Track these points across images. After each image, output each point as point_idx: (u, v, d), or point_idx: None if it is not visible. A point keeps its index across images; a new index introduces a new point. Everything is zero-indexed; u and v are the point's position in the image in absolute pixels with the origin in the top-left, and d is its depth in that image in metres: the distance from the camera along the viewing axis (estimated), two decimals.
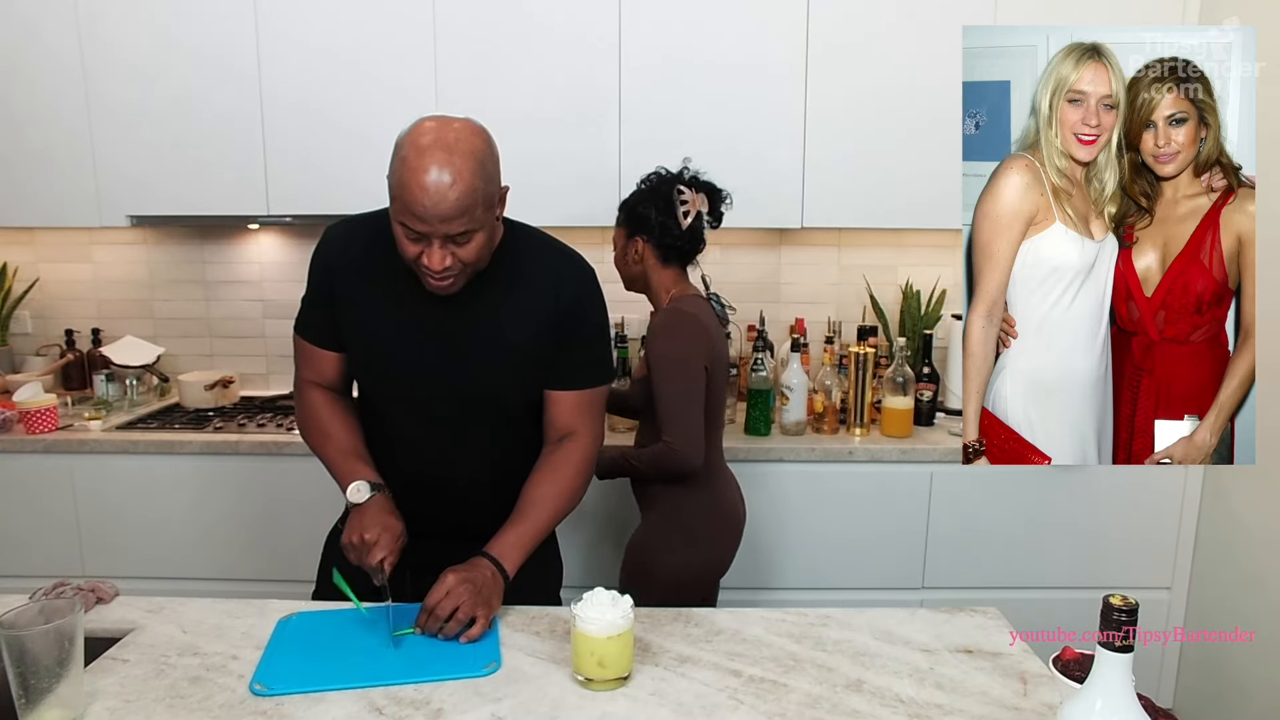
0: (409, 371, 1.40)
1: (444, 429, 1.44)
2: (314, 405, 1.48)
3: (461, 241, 1.27)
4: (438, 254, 1.26)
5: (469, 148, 1.24)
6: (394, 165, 1.25)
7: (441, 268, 1.27)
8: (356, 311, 1.41)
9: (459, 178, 1.22)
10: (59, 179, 2.50)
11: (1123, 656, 0.83)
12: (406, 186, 1.22)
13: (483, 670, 1.19)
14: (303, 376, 1.50)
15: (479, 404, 1.43)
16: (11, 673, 1.03)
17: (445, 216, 1.23)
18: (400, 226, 1.26)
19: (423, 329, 1.39)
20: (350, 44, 2.41)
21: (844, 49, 2.40)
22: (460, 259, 1.28)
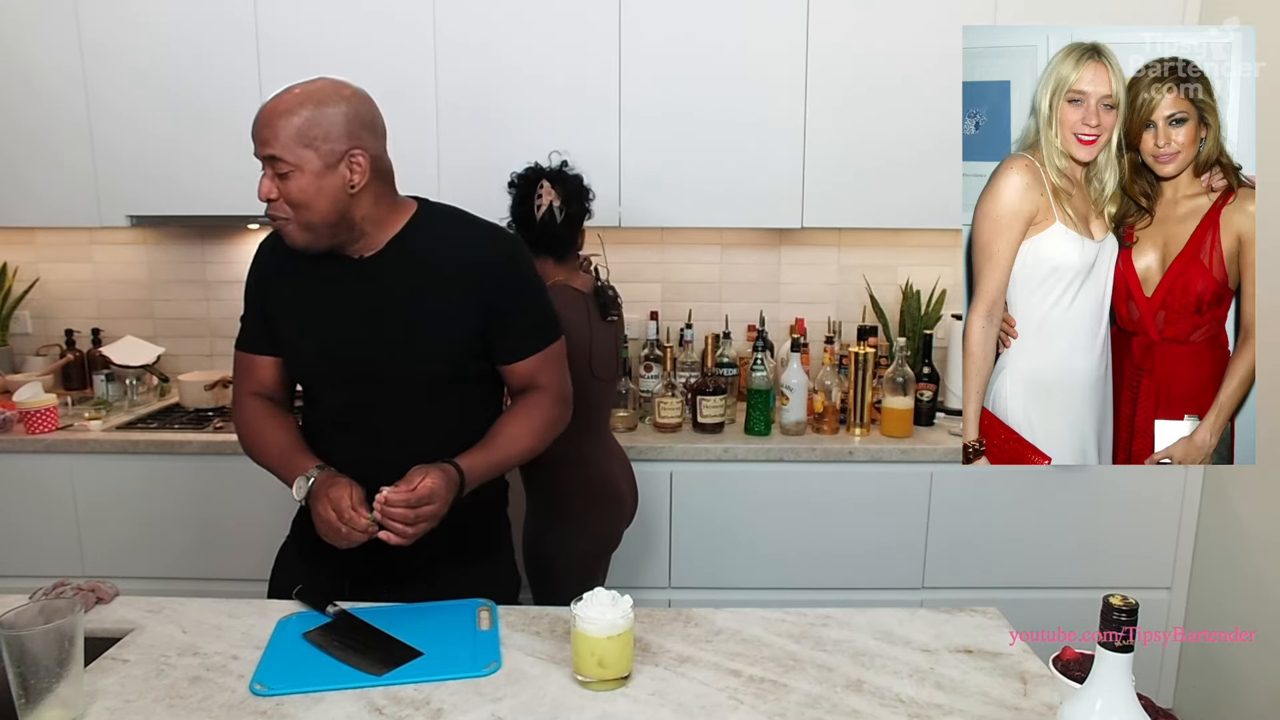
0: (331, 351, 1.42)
1: (378, 409, 1.43)
2: (249, 414, 1.49)
3: (283, 174, 1.33)
4: (266, 182, 1.34)
5: (319, 95, 1.34)
6: None
7: (265, 196, 1.34)
8: (288, 305, 1.45)
9: (292, 103, 1.33)
10: (59, 179, 2.50)
11: (1123, 656, 0.83)
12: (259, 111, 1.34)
13: (483, 670, 1.19)
14: (241, 390, 1.51)
15: (408, 378, 1.42)
16: (11, 673, 1.03)
17: (264, 138, 1.33)
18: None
19: (346, 309, 1.41)
20: (349, 43, 2.41)
21: (844, 49, 2.40)
22: (284, 196, 1.34)
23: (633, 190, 2.47)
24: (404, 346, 1.41)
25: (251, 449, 1.49)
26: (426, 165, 2.45)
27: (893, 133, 2.43)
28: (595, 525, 1.96)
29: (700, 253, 2.84)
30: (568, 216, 1.92)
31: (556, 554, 1.92)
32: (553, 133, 2.42)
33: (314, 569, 1.47)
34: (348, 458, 1.41)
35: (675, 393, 2.43)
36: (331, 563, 1.42)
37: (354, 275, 1.41)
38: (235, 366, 1.52)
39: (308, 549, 1.48)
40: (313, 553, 1.45)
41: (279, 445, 1.45)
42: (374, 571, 1.44)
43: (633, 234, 2.77)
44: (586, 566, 1.96)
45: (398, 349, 1.40)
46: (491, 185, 2.52)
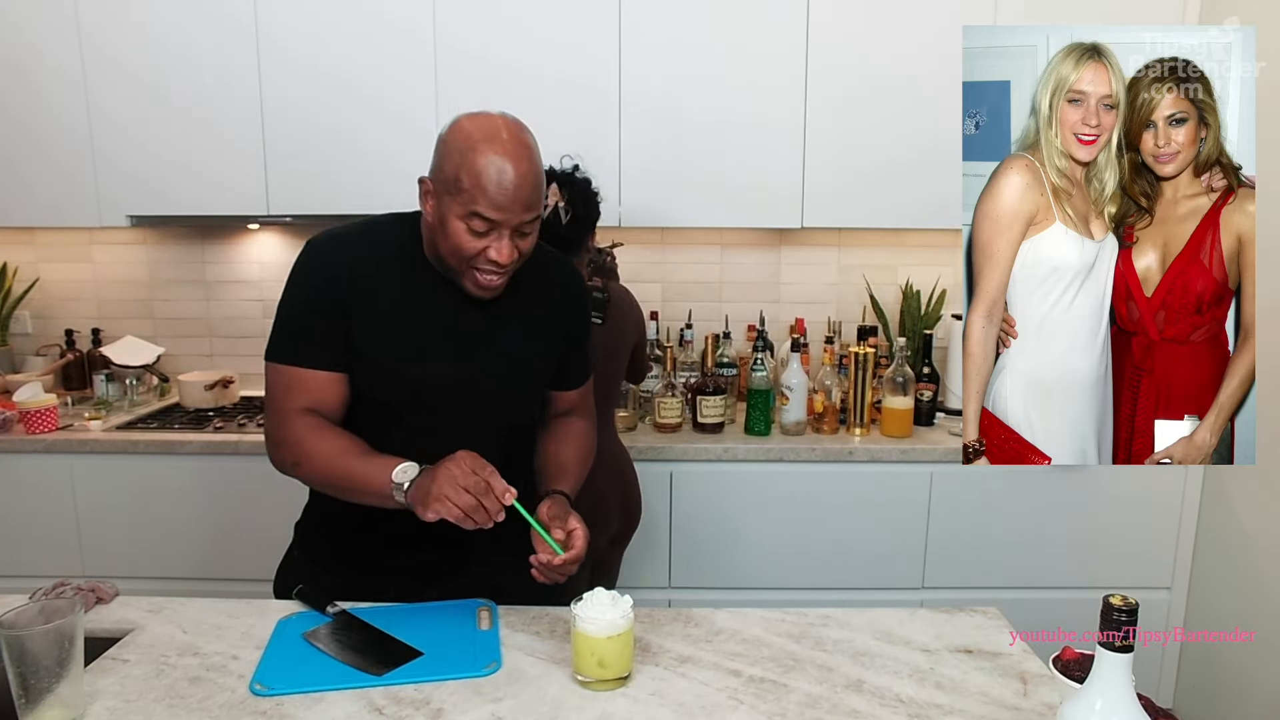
0: (431, 377, 1.37)
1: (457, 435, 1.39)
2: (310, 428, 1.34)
3: (526, 232, 1.29)
4: (507, 245, 1.27)
5: (529, 138, 1.29)
6: (457, 160, 1.24)
7: (510, 259, 1.27)
8: (378, 322, 1.34)
9: (532, 165, 1.26)
10: (59, 179, 2.50)
11: (1123, 656, 0.83)
12: (485, 176, 1.22)
13: (483, 670, 1.19)
14: (289, 406, 1.34)
15: (497, 407, 1.43)
16: (11, 673, 1.03)
17: (526, 204, 1.26)
18: (464, 221, 1.25)
19: (448, 333, 1.37)
20: (350, 44, 2.41)
21: (844, 49, 2.40)
22: (521, 251, 1.30)
23: (633, 190, 2.47)
24: (508, 373, 1.41)
25: (318, 460, 1.32)
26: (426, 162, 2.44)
27: (893, 133, 2.43)
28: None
29: (700, 253, 2.84)
30: (573, 218, 1.93)
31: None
32: (553, 133, 2.41)
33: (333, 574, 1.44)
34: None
35: (675, 393, 2.44)
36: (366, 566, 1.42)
37: (459, 303, 1.36)
38: (280, 381, 1.35)
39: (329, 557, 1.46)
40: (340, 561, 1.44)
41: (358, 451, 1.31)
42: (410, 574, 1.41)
43: (633, 234, 2.77)
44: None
45: (503, 375, 1.41)
46: None
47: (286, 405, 1.35)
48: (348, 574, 1.44)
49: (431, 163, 1.32)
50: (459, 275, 1.31)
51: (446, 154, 1.27)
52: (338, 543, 1.47)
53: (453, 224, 1.26)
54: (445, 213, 1.27)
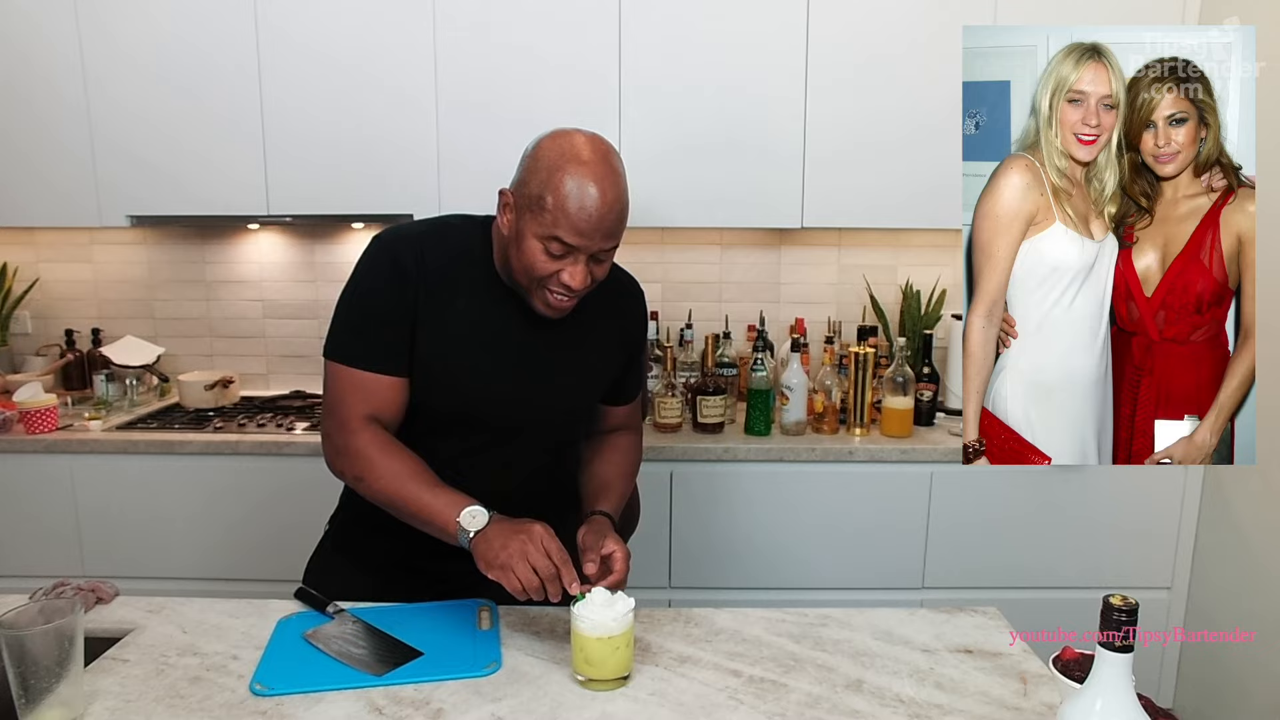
0: (491, 390, 1.34)
1: (511, 447, 1.39)
2: (379, 443, 1.30)
3: (603, 259, 1.27)
4: (582, 271, 1.24)
5: (618, 163, 1.26)
6: (543, 178, 1.21)
7: (583, 285, 1.25)
8: (444, 328, 1.31)
9: (618, 193, 1.24)
10: (59, 179, 2.50)
11: (1123, 656, 0.83)
12: (570, 199, 1.19)
13: (483, 670, 1.19)
14: (353, 411, 1.29)
15: (552, 422, 1.42)
16: (11, 673, 1.03)
17: (609, 232, 1.23)
18: (542, 242, 1.22)
19: (512, 347, 1.35)
20: (350, 44, 2.41)
21: (844, 49, 2.40)
22: (595, 278, 1.27)
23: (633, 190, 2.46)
24: (571, 389, 1.41)
25: (384, 476, 1.28)
26: (426, 161, 2.45)
27: (893, 132, 2.43)
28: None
29: (700, 253, 2.84)
30: None
31: None
32: None
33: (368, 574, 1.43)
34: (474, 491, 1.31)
35: (675, 393, 2.43)
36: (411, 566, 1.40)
37: (524, 317, 1.34)
38: (341, 381, 1.30)
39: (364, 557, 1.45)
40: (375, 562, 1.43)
41: (426, 478, 1.28)
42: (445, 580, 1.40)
43: (633, 234, 2.75)
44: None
45: (562, 394, 1.40)
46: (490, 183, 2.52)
47: (350, 411, 1.30)
48: (382, 575, 1.43)
49: (515, 175, 1.28)
50: (527, 293, 1.29)
51: (533, 170, 1.23)
52: (374, 543, 1.45)
53: (529, 242, 1.23)
54: (523, 230, 1.24)
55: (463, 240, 1.35)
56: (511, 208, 1.27)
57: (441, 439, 1.36)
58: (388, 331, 1.29)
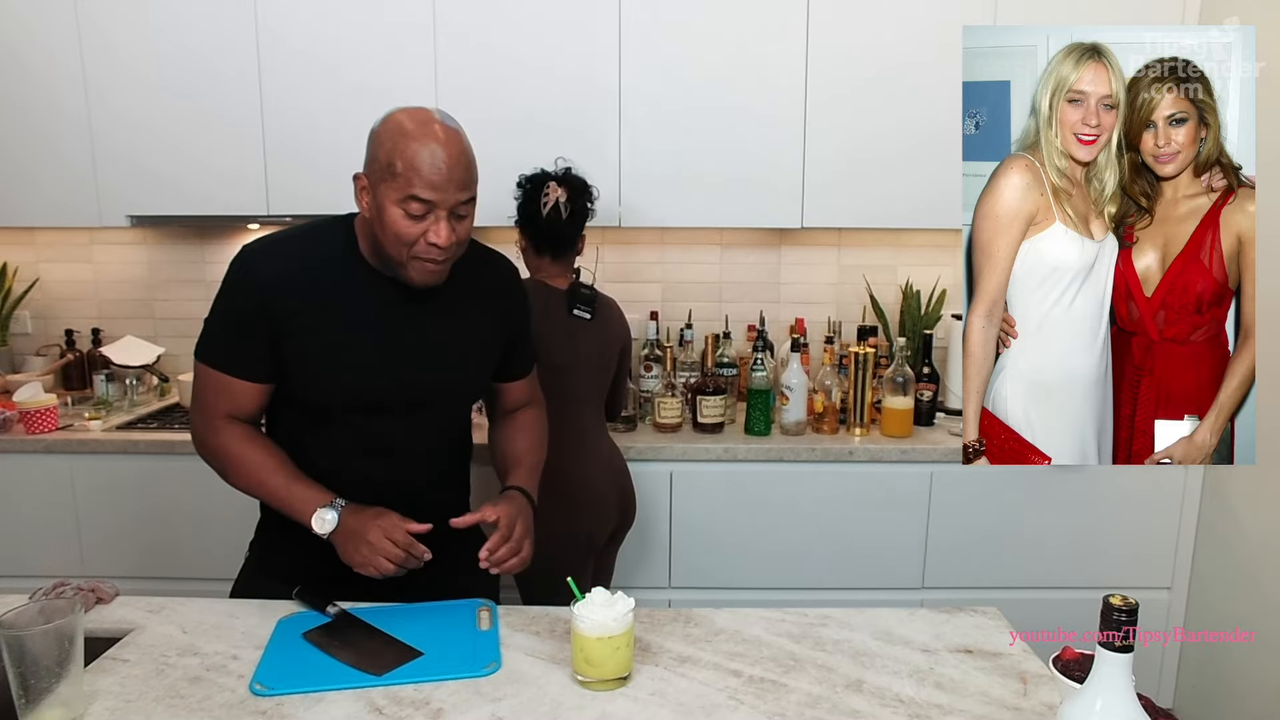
0: (379, 379, 1.38)
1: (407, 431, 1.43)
2: (234, 436, 1.38)
3: (462, 214, 1.32)
4: (445, 227, 1.29)
5: (456, 123, 1.33)
6: (389, 147, 1.27)
7: (449, 242, 1.29)
8: (320, 328, 1.35)
9: (462, 147, 1.30)
10: (59, 179, 2.50)
11: (1123, 656, 0.83)
12: (419, 157, 1.25)
13: (483, 670, 1.19)
14: (214, 412, 1.38)
15: (444, 402, 1.47)
16: (11, 673, 1.03)
17: (461, 183, 1.28)
18: (402, 207, 1.27)
19: (393, 335, 1.39)
20: (350, 43, 2.41)
21: (844, 49, 2.40)
22: (458, 236, 1.32)
23: (633, 190, 2.47)
24: (455, 370, 1.45)
25: (239, 471, 1.39)
26: None
27: (893, 132, 2.43)
28: (561, 523, 1.91)
29: (700, 253, 2.84)
30: (572, 213, 1.99)
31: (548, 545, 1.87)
32: (552, 133, 2.42)
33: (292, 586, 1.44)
34: (374, 480, 1.41)
35: (675, 393, 2.43)
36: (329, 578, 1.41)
37: (401, 302, 1.38)
38: (204, 382, 1.38)
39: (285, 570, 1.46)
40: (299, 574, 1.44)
41: (283, 472, 1.37)
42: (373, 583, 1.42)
43: (633, 234, 2.77)
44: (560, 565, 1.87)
45: (449, 373, 1.44)
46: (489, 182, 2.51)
47: (213, 410, 1.39)
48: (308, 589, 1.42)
49: (365, 157, 1.34)
50: (401, 267, 1.33)
51: (378, 145, 1.30)
52: (292, 556, 1.46)
53: (390, 211, 1.28)
54: (382, 201, 1.29)
55: (330, 241, 1.40)
56: (367, 188, 1.32)
57: (338, 430, 1.41)
58: (248, 342, 1.36)
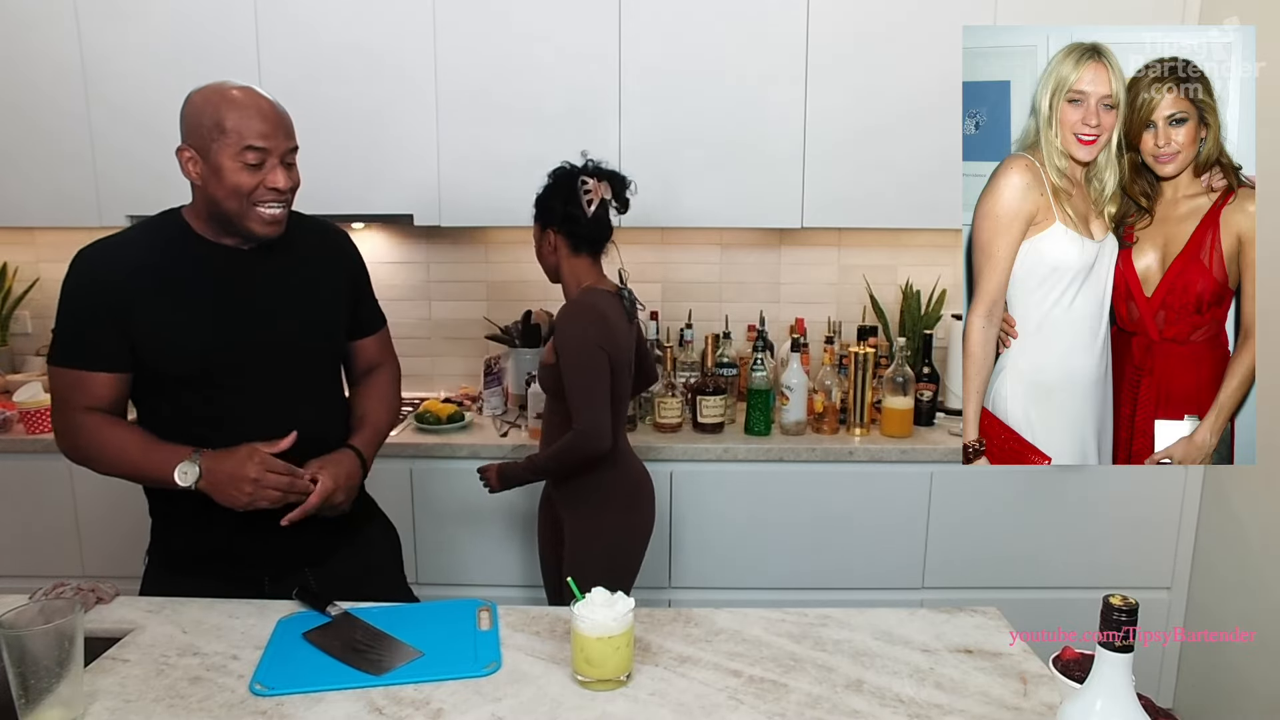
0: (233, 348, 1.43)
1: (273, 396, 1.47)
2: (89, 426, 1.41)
3: (290, 163, 1.41)
4: (282, 173, 1.38)
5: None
6: (210, 112, 1.35)
7: (287, 185, 1.39)
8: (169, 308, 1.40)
9: (274, 100, 1.41)
10: (59, 179, 2.50)
11: (1123, 656, 0.83)
12: (245, 111, 1.35)
13: (483, 670, 1.19)
14: (73, 406, 1.42)
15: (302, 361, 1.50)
16: (11, 673, 1.03)
17: (287, 130, 1.40)
18: (238, 160, 1.35)
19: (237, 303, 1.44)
20: (350, 44, 2.41)
21: (844, 49, 2.40)
22: (294, 182, 1.41)
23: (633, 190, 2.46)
24: (306, 327, 1.50)
25: (102, 456, 1.42)
26: (426, 159, 2.45)
27: (893, 133, 2.43)
28: (636, 514, 2.01)
29: (700, 253, 2.84)
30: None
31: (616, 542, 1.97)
32: (552, 133, 2.42)
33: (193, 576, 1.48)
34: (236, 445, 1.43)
35: (675, 393, 2.43)
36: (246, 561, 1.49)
37: (242, 265, 1.45)
38: (59, 384, 1.42)
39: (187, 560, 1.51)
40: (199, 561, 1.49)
41: (136, 443, 1.41)
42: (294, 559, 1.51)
43: (633, 234, 2.76)
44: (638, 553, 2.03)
45: (297, 330, 1.49)
46: (489, 182, 2.52)
47: (68, 406, 1.42)
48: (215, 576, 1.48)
49: (181, 132, 1.40)
50: (242, 219, 1.39)
51: (197, 115, 1.37)
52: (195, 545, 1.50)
53: (226, 166, 1.35)
54: (217, 161, 1.36)
55: (160, 228, 1.48)
56: (194, 156, 1.39)
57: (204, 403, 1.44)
58: (95, 333, 1.40)
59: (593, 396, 1.84)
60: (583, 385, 1.85)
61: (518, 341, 2.68)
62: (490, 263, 2.84)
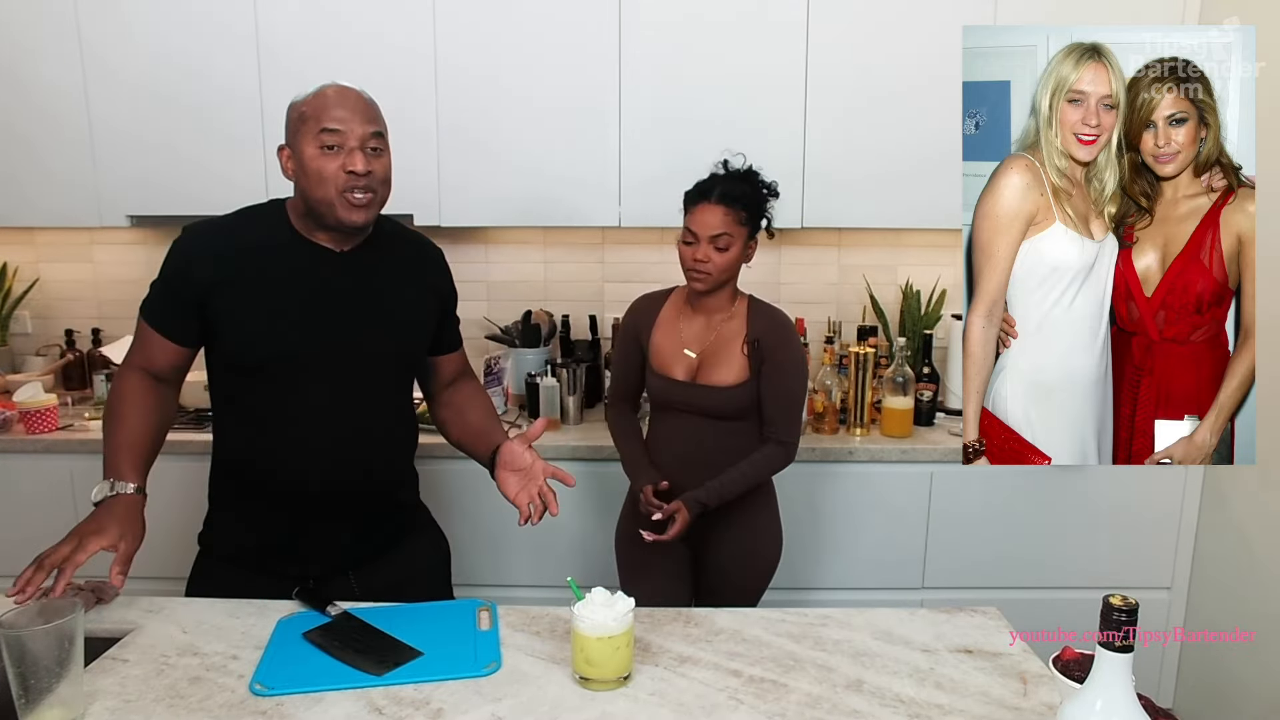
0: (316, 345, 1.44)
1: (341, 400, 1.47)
2: (129, 388, 1.48)
3: (377, 151, 1.42)
4: (360, 156, 1.38)
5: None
6: (298, 105, 1.41)
7: (366, 168, 1.38)
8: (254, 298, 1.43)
9: (361, 91, 1.43)
10: (59, 179, 2.50)
11: (1123, 656, 0.83)
12: (323, 96, 1.38)
13: (483, 670, 1.19)
14: (131, 360, 1.50)
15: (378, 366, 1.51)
16: (11, 673, 1.03)
17: (366, 115, 1.40)
18: (317, 146, 1.37)
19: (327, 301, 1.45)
20: (350, 44, 2.41)
21: (844, 49, 2.39)
22: (376, 173, 1.41)
23: (632, 190, 2.47)
24: (386, 333, 1.50)
25: (108, 415, 1.48)
26: (426, 159, 2.45)
27: (893, 132, 2.43)
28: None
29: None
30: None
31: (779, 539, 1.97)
32: (552, 133, 2.42)
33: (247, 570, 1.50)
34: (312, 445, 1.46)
35: None
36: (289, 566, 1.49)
37: (335, 268, 1.46)
38: (137, 333, 1.50)
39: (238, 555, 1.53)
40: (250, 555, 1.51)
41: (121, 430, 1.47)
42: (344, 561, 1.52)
43: (633, 234, 2.77)
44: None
45: (380, 335, 1.49)
46: (489, 181, 2.52)
47: (133, 354, 1.50)
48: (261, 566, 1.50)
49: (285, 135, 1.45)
50: (331, 207, 1.39)
51: (291, 111, 1.43)
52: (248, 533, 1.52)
53: (309, 153, 1.38)
54: (302, 150, 1.39)
55: (262, 217, 1.50)
56: (289, 154, 1.44)
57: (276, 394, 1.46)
58: (172, 305, 1.46)
59: (802, 411, 1.89)
60: (801, 399, 1.88)
61: (518, 341, 2.68)
62: (490, 263, 2.84)
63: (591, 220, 2.51)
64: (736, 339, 1.84)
